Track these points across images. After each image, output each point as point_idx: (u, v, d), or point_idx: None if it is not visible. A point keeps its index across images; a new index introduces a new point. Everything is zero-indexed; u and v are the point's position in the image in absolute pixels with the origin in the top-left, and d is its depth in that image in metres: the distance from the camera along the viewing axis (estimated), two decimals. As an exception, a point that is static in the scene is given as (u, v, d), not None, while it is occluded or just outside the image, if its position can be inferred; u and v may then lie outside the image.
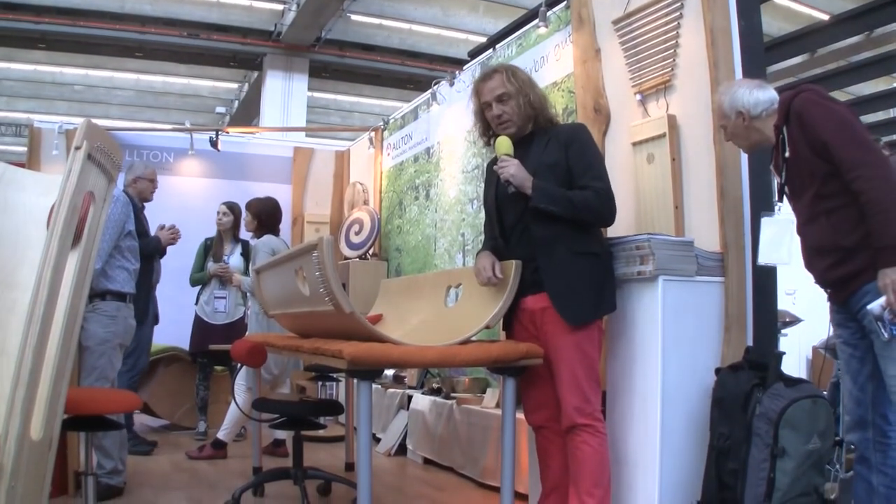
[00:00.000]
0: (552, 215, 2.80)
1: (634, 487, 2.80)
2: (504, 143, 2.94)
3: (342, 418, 5.12)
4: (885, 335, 2.38)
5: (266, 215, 5.18)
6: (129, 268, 3.87)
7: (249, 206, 5.26)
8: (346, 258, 6.59)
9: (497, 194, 3.02)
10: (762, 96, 2.68)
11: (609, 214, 2.88)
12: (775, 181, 2.78)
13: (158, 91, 15.95)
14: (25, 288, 2.28)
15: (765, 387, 2.62)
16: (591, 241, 2.88)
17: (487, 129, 3.07)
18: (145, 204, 5.13)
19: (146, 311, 5.25)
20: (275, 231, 5.17)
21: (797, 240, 2.70)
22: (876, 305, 2.37)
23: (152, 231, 5.24)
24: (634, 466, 2.81)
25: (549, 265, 2.84)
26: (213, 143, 7.13)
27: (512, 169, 2.85)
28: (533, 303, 2.91)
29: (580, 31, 3.91)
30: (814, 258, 2.64)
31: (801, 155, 2.56)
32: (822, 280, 2.65)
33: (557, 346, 2.82)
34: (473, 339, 2.99)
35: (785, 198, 2.74)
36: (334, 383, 5.57)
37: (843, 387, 2.72)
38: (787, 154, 2.61)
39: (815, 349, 5.94)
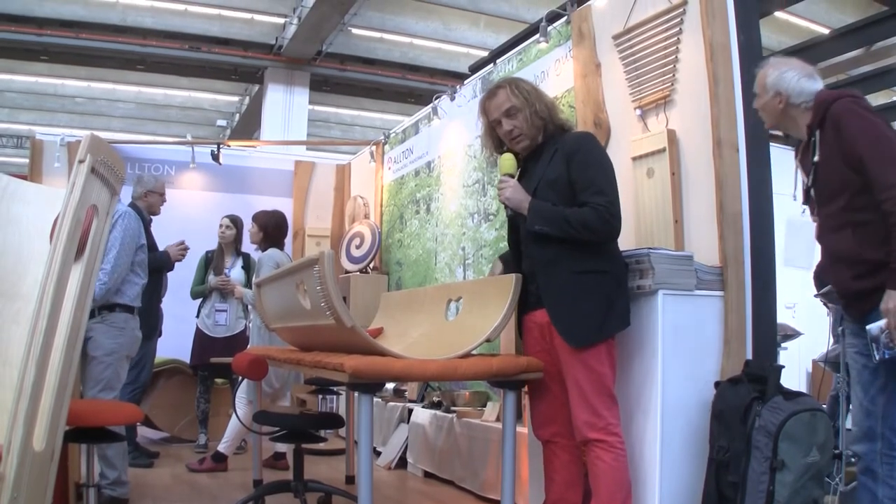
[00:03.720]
0: (550, 236, 2.76)
1: (634, 500, 2.79)
2: (506, 163, 2.92)
3: (343, 431, 5.13)
4: (877, 357, 2.35)
5: (272, 228, 5.18)
6: (139, 282, 3.93)
7: (256, 217, 5.25)
8: (347, 272, 6.60)
9: None
10: (808, 87, 2.59)
11: (608, 232, 2.75)
12: (801, 180, 2.69)
13: (160, 104, 15.99)
14: (28, 299, 2.30)
15: (764, 400, 2.62)
16: (598, 258, 2.77)
17: (499, 146, 3.04)
18: (152, 218, 5.16)
19: (156, 325, 5.28)
20: (280, 245, 5.18)
21: (818, 246, 2.66)
22: (875, 326, 2.34)
23: (160, 245, 5.27)
24: (634, 479, 2.80)
25: (548, 287, 2.80)
26: (215, 157, 7.15)
27: (508, 192, 2.86)
28: (542, 317, 2.87)
29: (580, 46, 3.94)
30: (834, 267, 2.60)
31: (833, 164, 2.49)
32: (841, 290, 2.59)
33: (566, 361, 2.78)
34: (474, 352, 2.99)
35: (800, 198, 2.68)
36: (335, 396, 5.58)
37: (853, 397, 2.67)
38: (816, 158, 2.54)
39: (814, 362, 5.94)
